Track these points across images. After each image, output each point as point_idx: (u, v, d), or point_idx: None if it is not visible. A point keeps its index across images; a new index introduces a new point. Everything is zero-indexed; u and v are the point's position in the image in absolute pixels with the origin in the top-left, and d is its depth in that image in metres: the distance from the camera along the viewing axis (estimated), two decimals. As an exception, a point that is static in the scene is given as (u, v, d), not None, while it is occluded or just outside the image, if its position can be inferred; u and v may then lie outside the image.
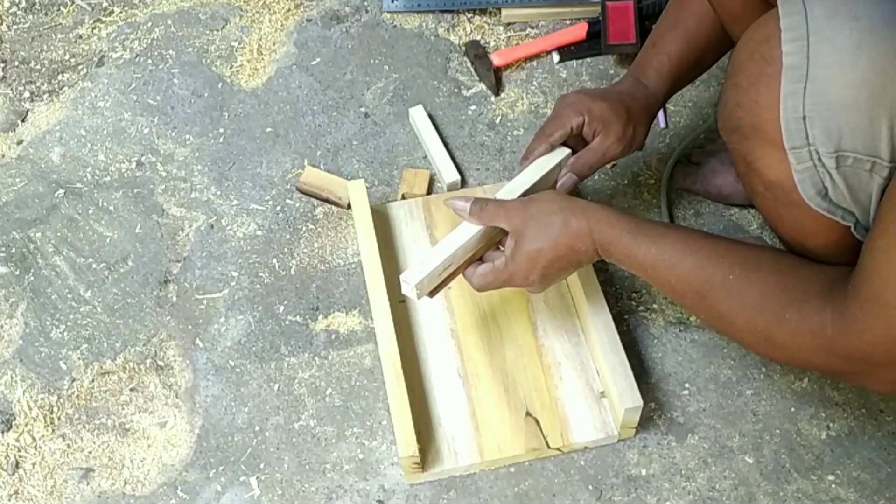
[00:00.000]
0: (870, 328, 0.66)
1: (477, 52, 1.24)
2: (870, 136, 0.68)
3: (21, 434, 0.96)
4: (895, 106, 0.67)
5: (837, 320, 0.69)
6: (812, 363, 0.74)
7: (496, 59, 1.23)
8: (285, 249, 1.08)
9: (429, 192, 1.12)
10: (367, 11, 1.32)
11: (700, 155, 1.11)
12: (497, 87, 1.22)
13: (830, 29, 0.68)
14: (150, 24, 1.33)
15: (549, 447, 0.90)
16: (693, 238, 0.80)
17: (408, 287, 0.84)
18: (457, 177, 1.12)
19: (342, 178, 1.13)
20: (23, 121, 1.23)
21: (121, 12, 1.35)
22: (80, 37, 1.32)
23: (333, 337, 1.01)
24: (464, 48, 1.27)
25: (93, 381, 0.99)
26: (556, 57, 1.25)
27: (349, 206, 1.09)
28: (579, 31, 1.25)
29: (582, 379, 0.94)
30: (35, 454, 0.94)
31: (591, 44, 1.25)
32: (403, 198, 1.11)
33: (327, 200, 1.12)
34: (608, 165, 1.14)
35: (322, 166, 1.15)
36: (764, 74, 0.73)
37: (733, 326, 0.77)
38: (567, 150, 0.91)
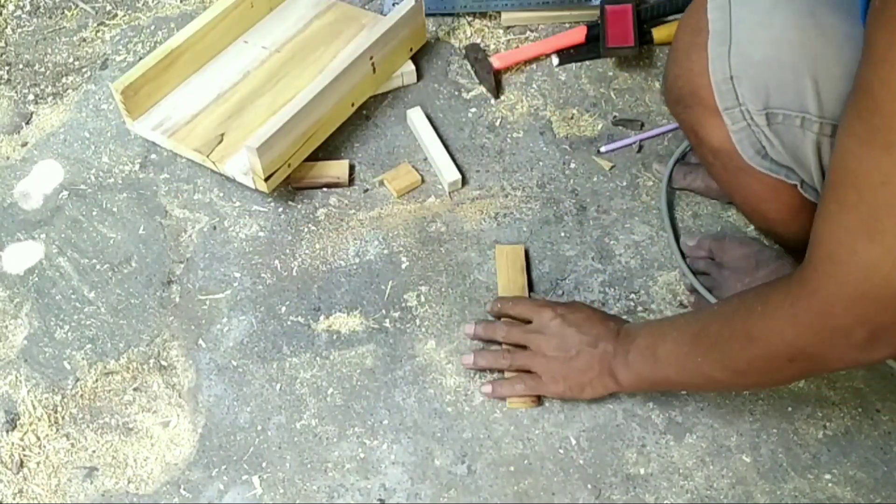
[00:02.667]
0: (824, 286, 0.66)
1: (477, 55, 1.25)
2: (795, 91, 0.71)
3: (25, 433, 0.96)
4: (816, 60, 0.69)
5: (796, 287, 0.69)
6: (785, 345, 0.72)
7: (496, 62, 1.24)
8: (287, 250, 1.09)
9: (409, 191, 1.14)
10: (368, 15, 1.33)
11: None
12: (497, 90, 1.23)
13: None
14: (153, 28, 1.34)
15: None
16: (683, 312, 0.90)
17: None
18: (457, 176, 1.13)
19: (330, 161, 1.15)
20: (27, 123, 1.24)
21: (124, 16, 1.36)
22: (84, 40, 1.33)
23: (335, 337, 1.02)
24: (464, 51, 1.28)
25: (96, 380, 1.00)
26: (555, 60, 1.26)
27: (350, 183, 1.13)
28: (578, 35, 1.26)
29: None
30: (39, 453, 0.95)
31: (590, 47, 1.26)
32: (382, 183, 1.13)
33: (327, 185, 1.13)
34: (607, 166, 1.15)
35: (323, 168, 1.17)
36: (695, 44, 0.77)
37: (723, 343, 0.78)
38: None
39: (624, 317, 1.01)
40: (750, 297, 0.77)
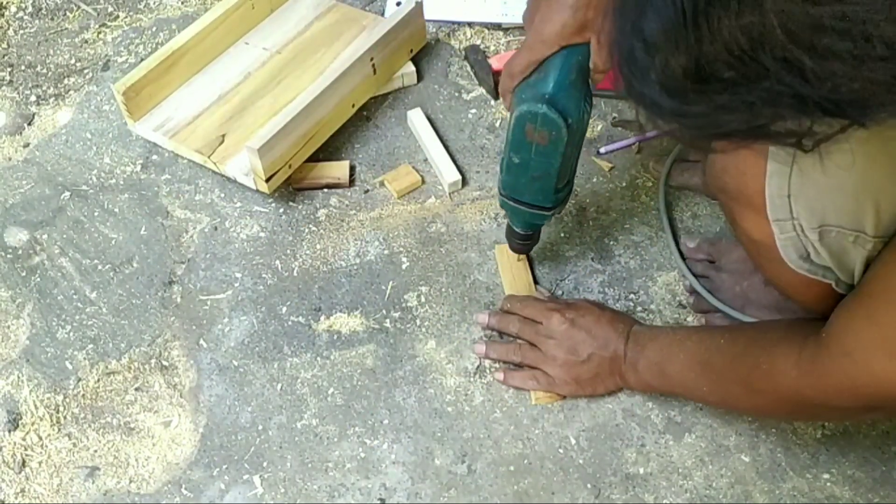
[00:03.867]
0: (834, 374, 0.71)
1: (477, 57, 1.26)
2: (854, 214, 0.70)
3: (27, 433, 0.97)
4: (880, 187, 0.68)
5: (807, 363, 0.73)
6: (781, 402, 0.78)
7: (495, 64, 1.24)
8: (288, 251, 1.10)
9: (409, 192, 1.14)
10: (368, 16, 1.33)
11: (698, 153, 1.12)
12: (496, 91, 1.23)
13: None
14: (154, 29, 1.34)
15: None
16: (693, 327, 0.91)
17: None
18: (457, 176, 1.13)
19: (331, 161, 1.16)
20: (29, 124, 1.25)
21: (126, 17, 1.36)
22: (86, 41, 1.34)
23: (335, 337, 1.02)
24: (464, 52, 1.28)
25: (98, 380, 1.00)
26: (555, 61, 1.26)
27: (351, 184, 1.14)
28: (578, 36, 1.26)
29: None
30: (41, 453, 0.96)
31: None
32: (382, 184, 1.14)
33: (328, 186, 1.14)
34: (607, 167, 1.15)
35: (324, 169, 1.17)
36: (750, 147, 0.74)
37: (726, 382, 0.82)
38: None
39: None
40: (757, 348, 0.79)
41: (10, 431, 0.97)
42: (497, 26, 1.31)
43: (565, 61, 0.79)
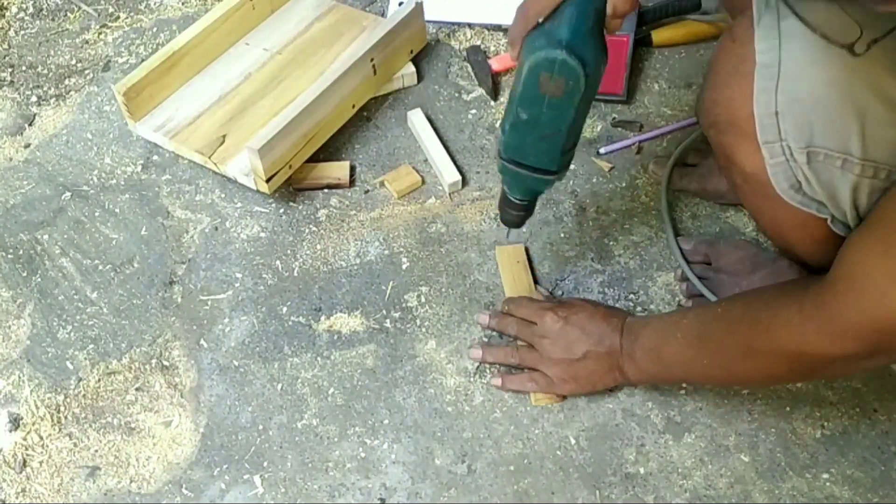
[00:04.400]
0: (843, 313, 0.68)
1: (477, 57, 1.26)
2: (840, 132, 0.70)
3: (28, 433, 0.97)
4: (864, 104, 0.68)
5: (810, 306, 0.71)
6: (783, 359, 0.75)
7: (495, 64, 1.25)
8: (288, 251, 1.10)
9: (409, 192, 1.14)
10: (369, 17, 1.34)
11: (696, 157, 1.13)
12: (495, 92, 1.24)
13: (800, 29, 0.69)
14: (155, 30, 1.34)
15: None
16: (686, 308, 0.92)
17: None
18: (458, 177, 1.13)
19: (331, 162, 1.16)
20: (30, 124, 1.25)
21: (126, 18, 1.37)
22: (87, 42, 1.34)
23: (336, 337, 1.02)
24: (464, 53, 1.28)
25: (99, 380, 1.01)
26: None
27: (351, 184, 1.14)
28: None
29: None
30: (42, 453, 0.96)
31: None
32: (382, 184, 1.14)
33: (328, 186, 1.14)
34: (606, 168, 1.15)
35: (324, 169, 1.17)
36: (738, 72, 0.75)
37: (728, 351, 0.80)
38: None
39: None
40: (757, 306, 0.77)
41: (11, 431, 0.97)
42: (497, 27, 1.31)
43: (582, 7, 0.74)
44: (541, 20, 0.75)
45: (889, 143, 0.70)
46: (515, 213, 0.91)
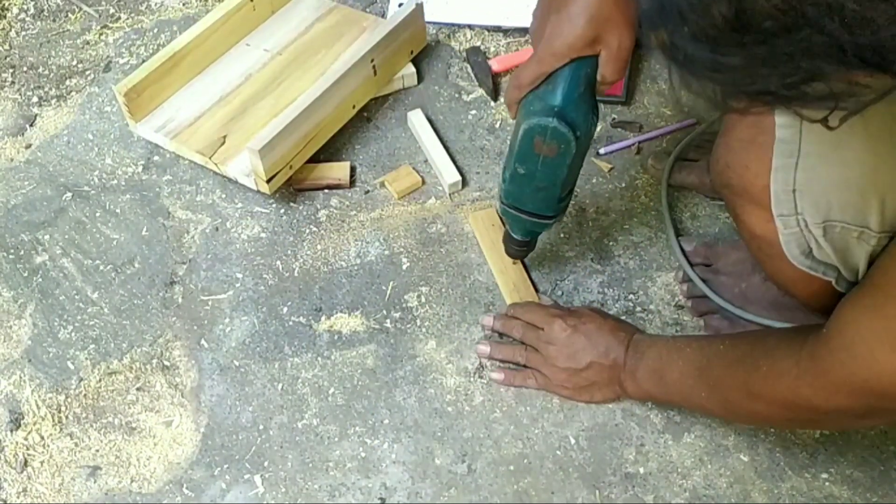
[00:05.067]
0: (835, 371, 0.69)
1: (477, 58, 1.26)
2: (859, 209, 0.69)
3: (29, 433, 0.97)
4: (887, 183, 0.68)
5: (806, 360, 0.72)
6: (779, 406, 0.76)
7: (495, 65, 1.25)
8: (289, 251, 1.10)
9: (409, 192, 1.15)
10: (369, 17, 1.34)
11: (696, 153, 1.13)
12: (495, 93, 1.24)
13: None
14: (156, 31, 1.35)
15: None
16: (692, 335, 0.92)
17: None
18: (458, 177, 1.14)
19: (332, 162, 1.16)
20: (31, 125, 1.25)
21: (127, 19, 1.37)
22: (88, 43, 1.34)
23: (336, 337, 1.03)
24: (464, 54, 1.29)
25: (100, 380, 1.01)
26: (555, 62, 1.26)
27: (352, 184, 1.14)
28: (578, 37, 1.26)
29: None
30: (43, 452, 0.96)
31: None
32: (383, 185, 1.14)
33: (328, 186, 1.14)
34: (606, 168, 1.15)
35: (325, 170, 1.17)
36: (756, 143, 0.74)
37: (724, 389, 0.81)
38: None
39: (623, 317, 1.02)
40: (758, 352, 0.78)
41: (12, 431, 0.97)
42: (497, 28, 1.31)
43: (574, 74, 0.79)
44: (537, 84, 0.79)
45: None
46: (518, 248, 0.98)
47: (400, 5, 1.32)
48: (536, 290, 1.04)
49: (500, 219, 0.98)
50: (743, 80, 0.46)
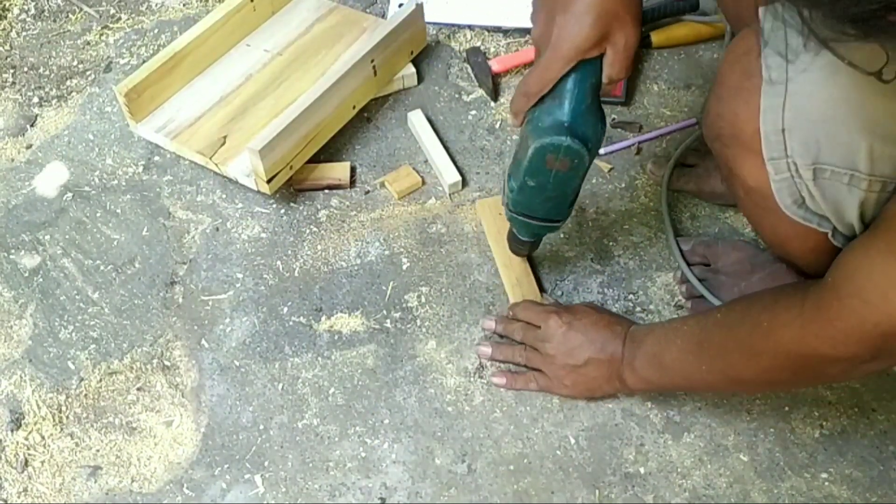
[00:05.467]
0: (844, 318, 0.68)
1: (477, 59, 1.26)
2: (848, 149, 0.69)
3: (30, 433, 0.97)
4: (874, 122, 0.68)
5: (810, 309, 0.71)
6: (785, 360, 0.75)
7: (495, 66, 1.25)
8: (289, 252, 1.10)
9: (409, 193, 1.15)
10: (369, 18, 1.34)
11: (695, 157, 1.13)
12: (495, 93, 1.24)
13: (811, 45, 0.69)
14: (156, 31, 1.35)
15: None
16: (689, 315, 0.92)
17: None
18: (458, 177, 1.14)
19: (332, 162, 1.17)
20: (32, 125, 1.25)
21: (128, 19, 1.37)
22: (88, 43, 1.35)
23: (336, 337, 1.03)
24: (464, 54, 1.29)
25: (100, 380, 1.01)
26: (555, 63, 1.27)
27: (352, 185, 1.14)
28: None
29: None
30: (44, 452, 0.96)
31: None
32: (383, 185, 1.15)
33: (329, 187, 1.14)
34: (606, 168, 1.16)
35: (325, 170, 1.17)
36: (744, 88, 0.75)
37: (728, 355, 0.80)
38: None
39: (622, 317, 1.02)
40: (756, 309, 0.77)
41: (12, 431, 0.97)
42: (497, 29, 1.31)
43: (580, 85, 0.78)
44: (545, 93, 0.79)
45: None
46: (523, 246, 0.98)
47: (400, 5, 1.33)
48: (540, 285, 1.04)
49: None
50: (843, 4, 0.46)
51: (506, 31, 1.31)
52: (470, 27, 1.32)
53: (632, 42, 0.76)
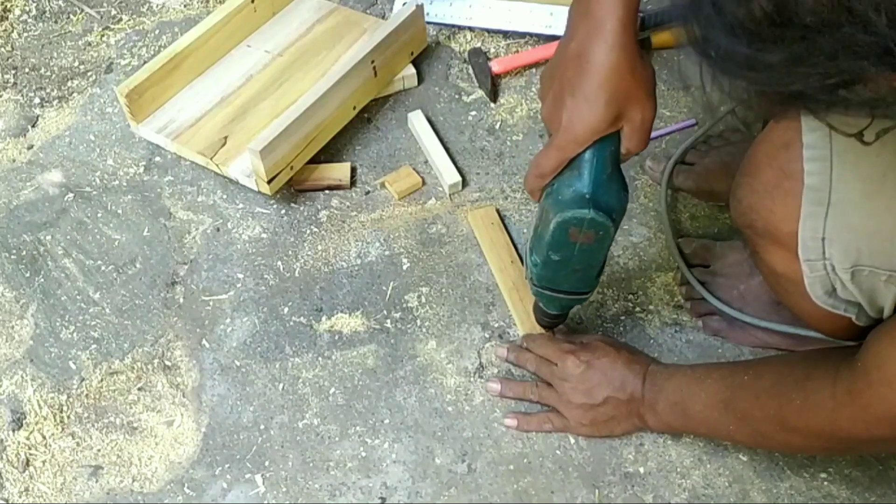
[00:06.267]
0: (875, 405, 0.68)
1: (477, 60, 1.27)
2: (889, 255, 0.67)
3: (31, 432, 0.98)
4: None
5: (843, 394, 0.70)
6: (817, 438, 0.75)
7: (496, 67, 1.25)
8: (290, 252, 1.11)
9: (410, 193, 1.15)
10: (369, 19, 1.34)
11: (694, 156, 1.13)
12: (494, 94, 1.24)
13: (855, 153, 0.66)
14: (157, 32, 1.35)
15: None
16: (712, 364, 0.91)
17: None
18: (458, 178, 1.14)
19: (332, 163, 1.17)
20: (33, 126, 1.26)
21: (129, 20, 1.37)
22: (89, 44, 1.35)
23: (336, 337, 1.03)
24: (465, 55, 1.29)
25: (101, 380, 1.01)
26: (555, 63, 1.27)
27: (352, 185, 1.15)
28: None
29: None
30: (45, 452, 0.96)
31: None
32: (383, 185, 1.15)
33: (329, 187, 1.15)
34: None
35: (326, 171, 1.18)
36: (781, 187, 0.71)
37: (754, 421, 0.80)
38: None
39: (621, 318, 1.02)
40: (787, 383, 0.76)
41: (14, 431, 0.98)
42: (497, 30, 1.31)
43: (599, 155, 0.74)
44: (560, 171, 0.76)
45: None
46: (553, 320, 0.93)
47: (403, 4, 1.33)
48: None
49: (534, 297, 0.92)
50: (780, 79, 0.43)
51: (506, 33, 1.31)
52: (470, 28, 1.32)
53: (648, 116, 0.74)
